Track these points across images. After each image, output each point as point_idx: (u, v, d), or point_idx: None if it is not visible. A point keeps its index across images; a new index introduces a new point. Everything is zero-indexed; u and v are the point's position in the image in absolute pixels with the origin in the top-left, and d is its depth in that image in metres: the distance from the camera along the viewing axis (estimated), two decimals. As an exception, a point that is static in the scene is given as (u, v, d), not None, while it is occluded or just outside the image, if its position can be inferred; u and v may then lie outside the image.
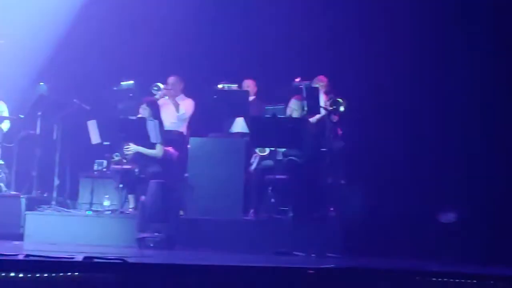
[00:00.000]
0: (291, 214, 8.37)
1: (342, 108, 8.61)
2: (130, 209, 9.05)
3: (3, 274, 3.78)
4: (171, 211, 8.59)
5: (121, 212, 8.99)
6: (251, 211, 8.66)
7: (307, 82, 8.92)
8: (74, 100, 9.88)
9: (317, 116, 9.03)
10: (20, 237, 8.65)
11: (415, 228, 8.39)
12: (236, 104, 8.97)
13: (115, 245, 8.14)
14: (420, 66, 9.74)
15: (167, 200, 8.50)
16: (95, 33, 10.74)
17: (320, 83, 9.16)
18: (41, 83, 10.38)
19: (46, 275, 3.88)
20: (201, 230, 8.33)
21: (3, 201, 9.03)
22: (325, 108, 8.71)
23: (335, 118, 8.70)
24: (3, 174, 9.50)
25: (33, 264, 4.00)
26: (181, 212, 8.84)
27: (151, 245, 8.13)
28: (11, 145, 9.94)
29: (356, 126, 9.39)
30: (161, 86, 9.64)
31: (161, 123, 9.11)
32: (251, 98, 9.46)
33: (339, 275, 4.65)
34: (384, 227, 8.33)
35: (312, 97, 8.64)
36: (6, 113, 10.02)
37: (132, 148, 9.08)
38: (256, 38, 10.52)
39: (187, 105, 9.72)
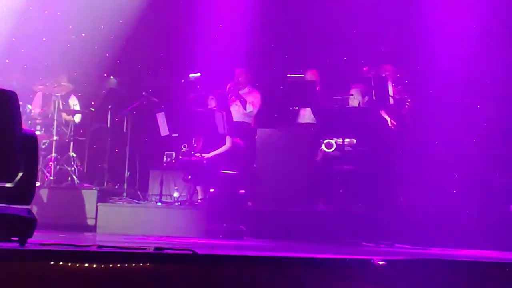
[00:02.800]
0: (360, 205, 8.31)
1: (408, 104, 8.50)
2: (199, 200, 9.12)
3: (77, 265, 3.85)
4: (239, 202, 8.62)
5: (190, 203, 9.07)
6: (319, 202, 8.63)
7: (374, 72, 8.83)
8: (143, 93, 10.01)
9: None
10: (92, 228, 8.83)
11: (488, 218, 8.23)
12: (303, 95, 8.93)
13: (185, 236, 8.21)
14: (485, 59, 9.57)
15: (235, 191, 8.54)
16: (162, 26, 10.86)
17: (386, 72, 9.05)
18: (111, 77, 10.56)
19: (118, 265, 3.93)
20: (270, 221, 8.33)
21: (76, 193, 9.20)
22: (393, 98, 8.60)
23: (404, 112, 8.59)
24: (75, 167, 9.68)
25: (105, 255, 4.06)
26: (249, 203, 8.87)
27: (220, 236, 8.18)
28: (83, 138, 10.13)
29: (425, 116, 9.26)
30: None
31: (228, 115, 9.14)
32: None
33: (410, 266, 4.58)
34: (456, 218, 8.18)
35: (380, 86, 8.54)
36: (78, 107, 10.20)
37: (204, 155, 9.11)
38: (318, 27, 10.47)
39: (254, 99, 9.73)
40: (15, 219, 4.50)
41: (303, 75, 9.45)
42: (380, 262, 4.42)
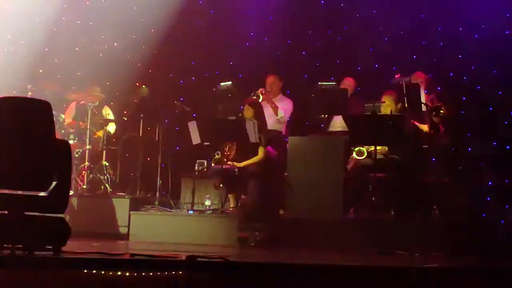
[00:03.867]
0: (393, 213, 8.25)
1: (442, 111, 8.42)
2: (231, 209, 9.12)
3: (110, 273, 3.88)
4: (271, 210, 8.60)
5: (222, 212, 9.08)
6: (351, 209, 8.58)
7: (407, 78, 8.78)
8: (175, 102, 10.05)
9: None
10: (125, 237, 8.87)
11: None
12: (335, 102, 8.91)
13: (217, 244, 8.22)
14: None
15: (267, 199, 8.52)
16: (194, 35, 10.91)
17: (418, 79, 8.99)
18: (143, 86, 10.62)
19: (151, 274, 3.95)
20: (301, 229, 8.30)
21: (109, 201, 9.25)
22: (426, 105, 8.54)
23: (437, 119, 8.52)
24: (108, 176, 9.74)
25: (138, 263, 4.09)
26: (281, 211, 8.85)
27: (252, 244, 8.17)
28: (115, 148, 10.20)
29: (459, 123, 9.19)
30: (260, 95, 9.65)
31: (263, 124, 9.12)
32: (349, 95, 9.38)
33: (443, 275, 4.55)
34: (488, 227, 8.09)
35: (413, 93, 8.48)
36: (110, 116, 10.27)
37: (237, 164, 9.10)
38: (350, 34, 10.46)
39: (286, 107, 9.72)
40: (49, 228, 4.55)
41: (334, 83, 9.43)
42: (413, 271, 4.39)
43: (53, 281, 3.79)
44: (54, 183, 4.62)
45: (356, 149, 8.59)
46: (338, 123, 9.52)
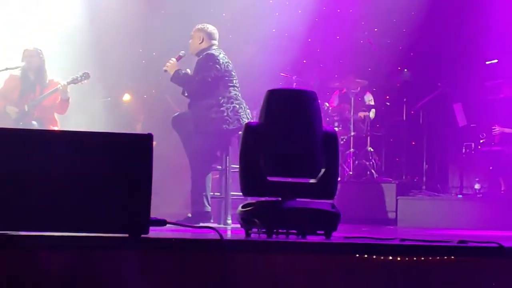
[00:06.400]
0: None
1: None
2: (501, 192, 8.77)
3: (381, 258, 3.92)
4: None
5: (493, 195, 8.76)
6: None
7: None
8: (438, 84, 9.87)
9: None
10: (393, 222, 8.90)
11: None
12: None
13: (489, 229, 7.93)
14: None
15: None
16: (456, 14, 10.60)
17: None
18: (405, 70, 10.56)
19: (422, 258, 3.94)
20: None
21: (376, 187, 9.34)
22: None
23: None
24: (373, 161, 9.83)
25: (407, 248, 4.09)
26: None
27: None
28: (379, 133, 10.25)
29: None
30: None
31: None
32: None
33: None
34: None
35: None
36: (372, 102, 10.35)
37: (497, 129, 8.79)
38: None
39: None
40: (320, 213, 4.69)
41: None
42: None
43: (325, 265, 3.91)
44: (322, 170, 4.76)
45: None
46: None
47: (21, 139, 3.95)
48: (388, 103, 10.59)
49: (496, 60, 9.43)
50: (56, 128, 7.81)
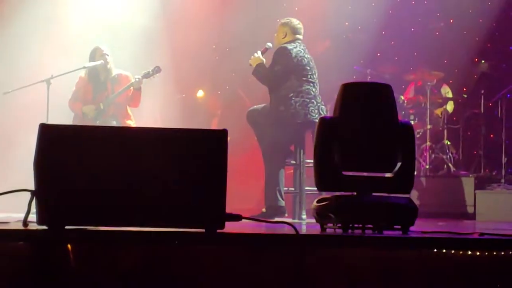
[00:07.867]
0: None
1: None
2: None
3: (460, 252, 3.85)
4: None
5: None
6: None
7: None
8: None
9: None
10: (471, 216, 8.73)
11: None
12: None
13: None
14: None
15: None
16: None
17: None
18: (482, 61, 10.34)
19: (502, 253, 3.85)
20: None
21: (453, 181, 9.18)
22: None
23: None
24: (450, 155, 9.66)
25: (487, 242, 4.01)
26: None
27: None
28: (456, 126, 10.07)
29: None
30: None
31: None
32: None
33: None
34: None
35: None
36: (450, 94, 10.17)
37: None
38: None
39: None
40: (397, 208, 4.63)
41: None
42: None
43: (402, 260, 3.86)
44: (399, 164, 4.70)
45: None
46: None
47: (100, 137, 4.03)
48: (465, 95, 10.38)
49: None
50: (130, 122, 7.91)
